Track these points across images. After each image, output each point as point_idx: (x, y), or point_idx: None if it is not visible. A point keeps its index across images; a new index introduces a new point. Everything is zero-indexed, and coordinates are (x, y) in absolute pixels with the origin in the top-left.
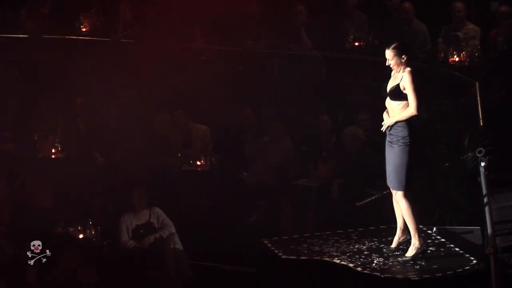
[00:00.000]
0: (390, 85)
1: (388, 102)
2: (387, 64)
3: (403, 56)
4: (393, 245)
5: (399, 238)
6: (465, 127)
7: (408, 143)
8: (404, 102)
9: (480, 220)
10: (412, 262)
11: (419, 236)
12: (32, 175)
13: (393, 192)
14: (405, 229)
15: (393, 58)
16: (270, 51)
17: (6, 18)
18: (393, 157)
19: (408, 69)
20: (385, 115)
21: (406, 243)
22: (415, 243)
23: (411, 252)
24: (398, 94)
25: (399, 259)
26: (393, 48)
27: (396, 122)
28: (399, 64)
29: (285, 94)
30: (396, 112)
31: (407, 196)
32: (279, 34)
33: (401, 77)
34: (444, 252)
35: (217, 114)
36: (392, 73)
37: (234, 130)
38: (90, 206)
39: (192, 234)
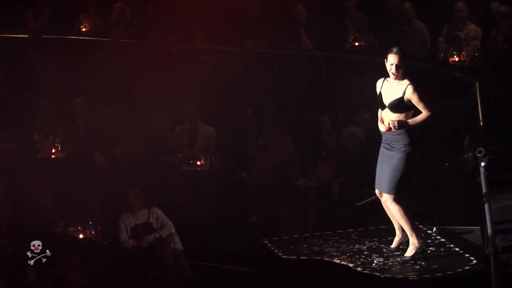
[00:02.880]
0: (390, 97)
1: (387, 112)
2: (394, 70)
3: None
4: (393, 245)
5: (399, 238)
6: (465, 127)
7: (410, 150)
8: (404, 114)
9: (480, 220)
10: (412, 262)
11: (417, 235)
12: (32, 175)
13: (383, 195)
14: (402, 230)
15: (400, 63)
16: (270, 51)
17: (5, 18)
18: (392, 162)
19: (409, 82)
20: (380, 124)
21: (406, 243)
22: (414, 243)
23: (410, 252)
24: (401, 107)
25: (399, 259)
26: (401, 51)
27: (400, 132)
28: (403, 68)
29: (285, 94)
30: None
31: (396, 199)
32: (279, 34)
33: (402, 90)
34: (444, 252)
35: (217, 114)
36: (380, 81)
37: (234, 130)
38: (90, 206)
39: (192, 234)
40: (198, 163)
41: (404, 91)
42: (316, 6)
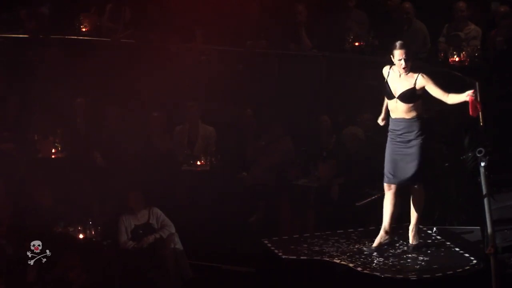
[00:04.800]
0: (400, 89)
1: (396, 103)
2: (404, 64)
3: None
4: (375, 244)
5: (381, 239)
6: (465, 127)
7: (424, 137)
8: (413, 103)
9: (480, 220)
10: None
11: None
12: (32, 175)
13: (413, 187)
14: (390, 231)
15: (408, 56)
16: (270, 51)
17: (5, 18)
18: (415, 153)
19: (418, 73)
20: (392, 113)
21: (387, 244)
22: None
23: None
24: (412, 97)
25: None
26: (405, 45)
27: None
28: (411, 61)
29: (285, 94)
30: (412, 111)
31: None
32: (279, 34)
33: (413, 81)
34: (444, 252)
35: (217, 114)
36: (386, 69)
37: (234, 130)
38: (90, 206)
39: (192, 234)
40: (198, 163)
41: (415, 81)
42: (316, 6)
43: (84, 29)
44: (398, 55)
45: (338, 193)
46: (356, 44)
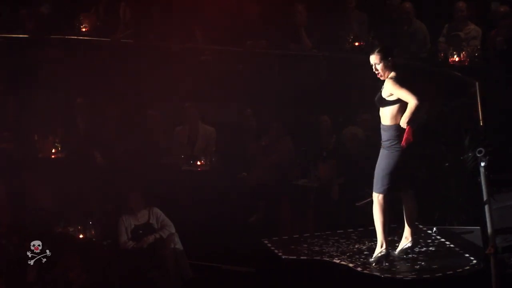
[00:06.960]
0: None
1: (380, 108)
2: (374, 70)
3: (389, 59)
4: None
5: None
6: (465, 127)
7: (394, 147)
8: (388, 108)
9: (480, 220)
10: (375, 264)
11: (385, 241)
12: (32, 175)
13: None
14: (408, 234)
15: (380, 62)
16: (270, 51)
17: (5, 18)
18: (379, 161)
19: (392, 74)
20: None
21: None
22: (378, 248)
23: (374, 255)
24: (380, 102)
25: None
26: (378, 52)
27: (388, 126)
28: (386, 67)
29: (285, 94)
30: (386, 117)
31: (384, 200)
32: (279, 34)
33: (384, 85)
34: (444, 252)
35: (217, 114)
36: None
37: (234, 130)
38: (90, 206)
39: (192, 234)
40: (198, 163)
41: (384, 85)
42: (316, 6)
43: (84, 29)
44: (370, 60)
45: (338, 193)
46: (356, 44)
